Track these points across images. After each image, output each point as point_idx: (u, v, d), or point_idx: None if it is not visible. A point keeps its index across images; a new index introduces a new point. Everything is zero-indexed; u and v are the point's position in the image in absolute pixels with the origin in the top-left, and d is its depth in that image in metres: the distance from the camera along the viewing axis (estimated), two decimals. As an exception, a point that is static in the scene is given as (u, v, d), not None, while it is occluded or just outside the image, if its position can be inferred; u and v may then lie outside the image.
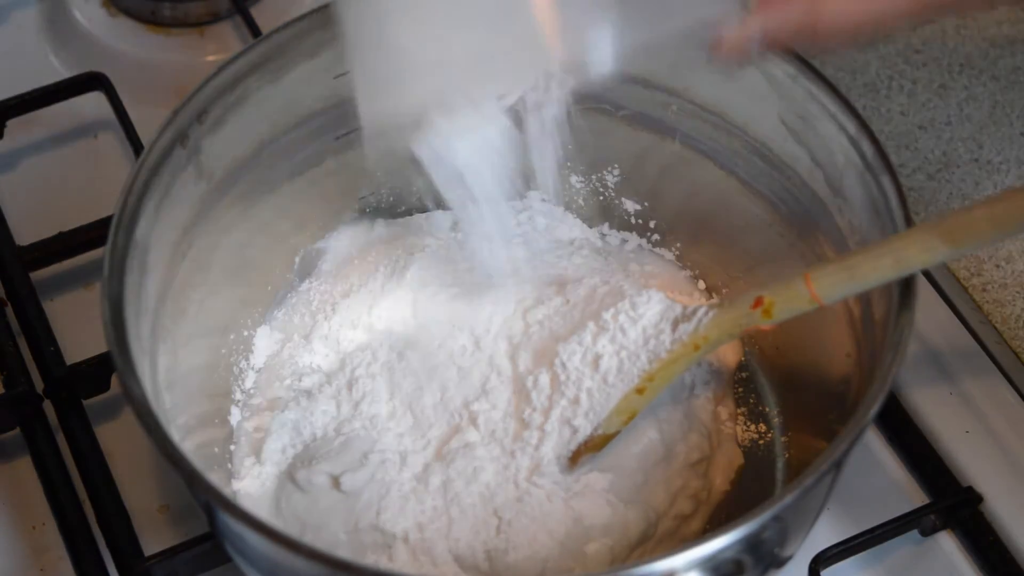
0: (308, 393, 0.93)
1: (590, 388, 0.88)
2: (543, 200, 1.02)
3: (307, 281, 0.99)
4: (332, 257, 0.99)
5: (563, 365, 0.89)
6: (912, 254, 0.78)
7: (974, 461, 0.93)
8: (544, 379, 0.89)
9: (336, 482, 0.88)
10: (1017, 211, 0.77)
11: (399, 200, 1.01)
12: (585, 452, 0.88)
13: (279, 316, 0.98)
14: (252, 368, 0.96)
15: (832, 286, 0.81)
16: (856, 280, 0.80)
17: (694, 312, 0.87)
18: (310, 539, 0.86)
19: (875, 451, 0.96)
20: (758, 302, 0.83)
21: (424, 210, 1.02)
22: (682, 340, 0.87)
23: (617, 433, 0.88)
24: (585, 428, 0.88)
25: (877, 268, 0.79)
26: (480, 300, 0.95)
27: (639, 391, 0.87)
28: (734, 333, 0.86)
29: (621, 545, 0.86)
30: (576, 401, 0.88)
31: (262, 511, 0.89)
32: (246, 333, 0.96)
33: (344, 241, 1.00)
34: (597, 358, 0.89)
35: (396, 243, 1.00)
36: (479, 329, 0.94)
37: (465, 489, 0.87)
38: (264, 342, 0.96)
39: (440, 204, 0.99)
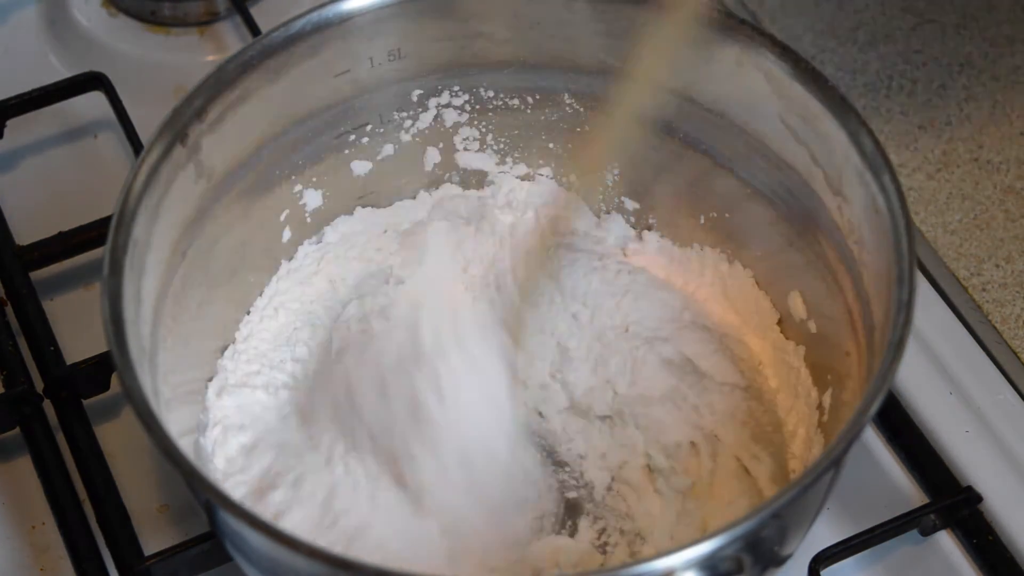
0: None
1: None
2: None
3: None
4: (332, 256, 0.99)
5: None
6: None
7: (974, 461, 0.93)
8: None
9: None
10: None
11: (399, 198, 1.01)
12: None
13: (278, 315, 0.97)
14: (251, 366, 0.95)
15: None
16: None
17: None
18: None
19: (875, 451, 0.96)
20: None
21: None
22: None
23: None
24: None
25: None
26: (480, 299, 0.96)
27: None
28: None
29: None
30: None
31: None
32: (246, 332, 0.96)
33: (343, 240, 1.00)
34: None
35: (396, 242, 1.00)
36: (475, 334, 0.94)
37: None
38: (263, 341, 0.96)
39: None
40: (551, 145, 1.00)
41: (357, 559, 0.84)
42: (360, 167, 0.98)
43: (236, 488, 0.88)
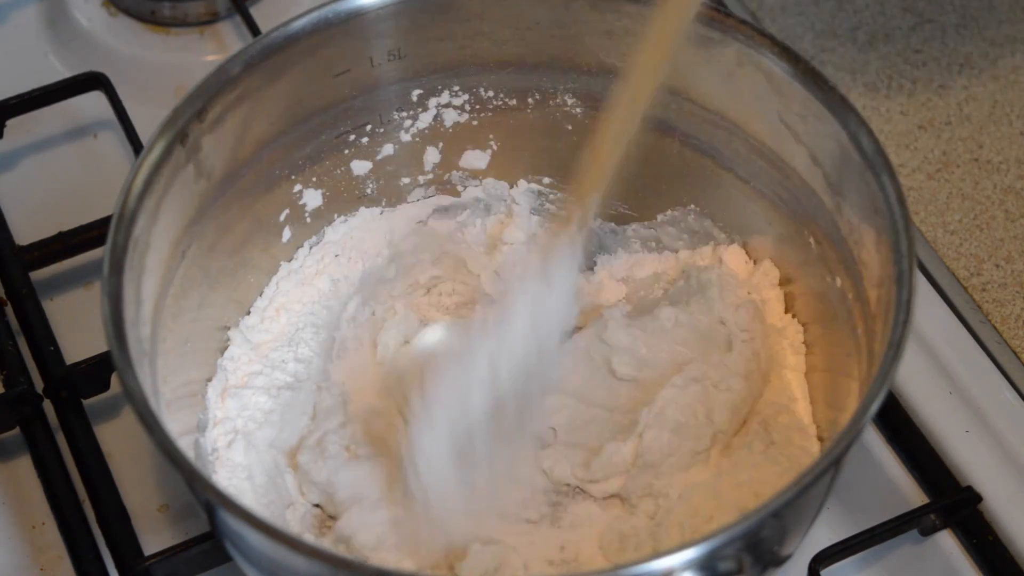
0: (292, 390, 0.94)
1: None
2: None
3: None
4: (332, 256, 0.99)
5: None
6: None
7: (974, 461, 0.93)
8: None
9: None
10: None
11: (399, 198, 1.01)
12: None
13: (279, 316, 0.97)
14: (252, 366, 0.95)
15: None
16: None
17: None
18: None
19: (875, 451, 0.96)
20: None
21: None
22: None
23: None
24: None
25: None
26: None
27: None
28: None
29: None
30: None
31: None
32: (246, 331, 0.96)
33: (344, 240, 1.00)
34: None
35: (397, 242, 1.00)
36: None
37: None
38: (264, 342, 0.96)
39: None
40: (551, 145, 1.00)
41: (357, 559, 0.84)
42: (360, 167, 0.99)
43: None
